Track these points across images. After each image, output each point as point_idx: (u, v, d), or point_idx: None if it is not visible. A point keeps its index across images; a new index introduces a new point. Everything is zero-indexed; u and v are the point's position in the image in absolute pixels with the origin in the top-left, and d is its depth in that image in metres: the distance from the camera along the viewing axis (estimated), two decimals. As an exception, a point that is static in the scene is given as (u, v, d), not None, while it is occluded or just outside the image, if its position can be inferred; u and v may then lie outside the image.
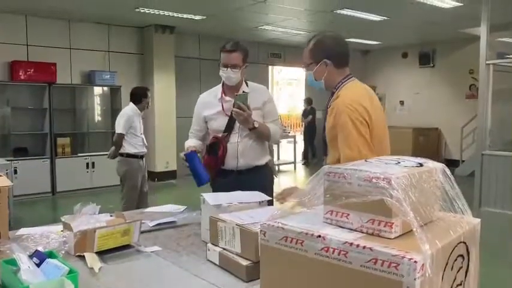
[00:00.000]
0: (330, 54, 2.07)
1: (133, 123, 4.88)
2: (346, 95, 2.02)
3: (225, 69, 2.65)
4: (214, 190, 2.67)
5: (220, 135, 2.70)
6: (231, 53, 2.63)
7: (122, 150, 4.88)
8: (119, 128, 4.86)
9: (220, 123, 2.70)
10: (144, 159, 5.06)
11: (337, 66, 2.09)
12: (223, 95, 2.76)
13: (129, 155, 4.87)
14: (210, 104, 2.80)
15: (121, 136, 4.84)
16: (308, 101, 11.23)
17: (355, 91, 2.05)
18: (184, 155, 2.58)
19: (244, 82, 2.78)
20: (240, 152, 2.69)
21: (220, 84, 2.80)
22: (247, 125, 2.57)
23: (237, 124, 2.64)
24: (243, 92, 2.65)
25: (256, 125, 2.59)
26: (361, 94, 2.04)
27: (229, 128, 2.69)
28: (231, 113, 2.56)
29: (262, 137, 2.71)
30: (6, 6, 6.99)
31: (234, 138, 2.68)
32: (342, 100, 1.99)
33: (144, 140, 5.04)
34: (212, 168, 2.73)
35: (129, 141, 4.89)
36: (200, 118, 2.84)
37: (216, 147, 2.71)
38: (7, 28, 7.40)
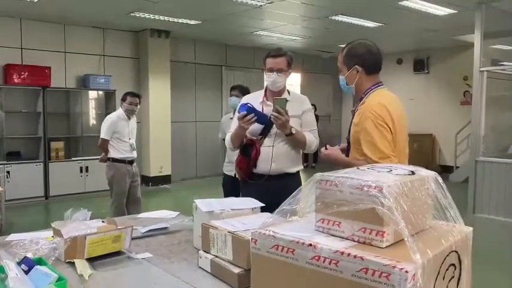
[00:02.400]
0: (361, 61, 2.17)
1: (118, 128, 4.88)
2: (372, 100, 2.12)
3: (271, 73, 2.69)
4: (244, 193, 2.70)
5: (255, 138, 2.73)
6: (276, 58, 2.70)
7: (109, 155, 4.87)
8: (102, 133, 4.91)
9: (258, 126, 2.70)
10: (133, 164, 5.03)
11: (368, 73, 2.18)
12: (264, 99, 2.78)
13: (114, 160, 4.87)
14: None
15: (104, 141, 4.87)
16: (314, 107, 11.30)
17: (381, 98, 2.13)
18: (246, 111, 2.59)
19: (286, 90, 2.81)
20: (274, 156, 2.69)
21: (263, 89, 2.85)
22: (285, 130, 2.59)
23: (274, 129, 2.66)
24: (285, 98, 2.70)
25: (293, 131, 2.61)
26: (387, 101, 2.12)
27: (265, 132, 2.70)
28: (270, 117, 2.60)
29: (298, 144, 2.72)
30: (1, 10, 6.96)
31: (269, 142, 2.70)
32: (368, 105, 2.10)
33: (133, 145, 5.01)
34: (244, 170, 2.76)
35: (114, 146, 4.89)
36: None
37: (250, 148, 2.73)
38: (1, 31, 7.36)
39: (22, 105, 7.55)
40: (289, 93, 2.84)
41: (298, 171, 2.84)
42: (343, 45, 2.26)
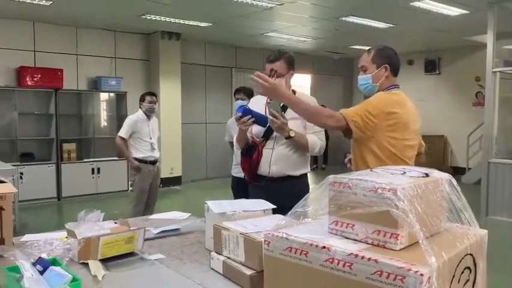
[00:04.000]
0: (390, 61, 2.32)
1: (137, 129, 4.94)
2: (387, 94, 2.27)
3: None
4: (251, 194, 2.74)
5: (258, 140, 2.75)
6: (273, 63, 2.69)
7: (132, 155, 4.97)
8: (121, 130, 4.99)
9: (260, 128, 2.71)
10: (156, 165, 5.08)
11: (393, 74, 2.34)
12: (268, 99, 2.78)
13: (136, 159, 4.92)
14: (257, 108, 2.82)
15: (120, 138, 4.95)
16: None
17: (394, 94, 2.28)
18: (241, 112, 2.60)
19: (291, 91, 2.79)
20: (274, 159, 2.69)
21: None
22: (283, 132, 2.58)
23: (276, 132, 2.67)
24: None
25: (292, 134, 2.59)
26: (397, 98, 2.26)
27: (267, 134, 2.71)
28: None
29: (300, 147, 2.70)
30: (15, 13, 7.06)
31: (270, 144, 2.71)
32: (377, 93, 2.28)
33: (154, 144, 5.05)
34: (246, 171, 2.79)
35: (135, 146, 4.95)
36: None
37: (252, 150, 2.75)
38: (15, 34, 7.47)
39: (35, 107, 7.66)
40: (294, 93, 2.80)
41: (303, 175, 2.80)
42: (362, 47, 2.33)
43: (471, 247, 1.01)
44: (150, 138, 5.01)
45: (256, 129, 2.73)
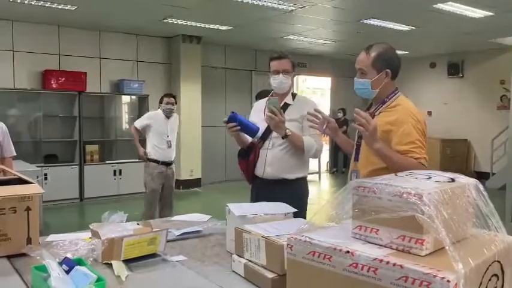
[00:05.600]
0: (392, 65, 2.13)
1: (153, 123, 5.07)
2: (408, 105, 2.10)
3: (277, 75, 2.71)
4: (252, 193, 2.82)
5: (256, 140, 2.77)
6: (281, 59, 2.72)
7: (148, 155, 5.06)
8: (136, 122, 5.27)
9: (260, 129, 2.73)
10: (169, 166, 5.11)
11: (393, 78, 2.15)
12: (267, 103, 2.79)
13: (149, 159, 5.05)
14: (259, 110, 2.84)
15: (133, 127, 5.27)
16: (344, 111, 11.24)
17: (414, 105, 2.12)
18: (228, 118, 2.62)
19: (291, 93, 2.82)
20: (269, 160, 2.70)
21: (270, 94, 2.88)
22: (280, 131, 2.58)
23: (274, 133, 2.67)
24: (285, 102, 2.73)
25: (289, 133, 2.58)
26: (417, 109, 2.12)
27: (265, 135, 2.72)
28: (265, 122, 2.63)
29: (296, 148, 2.67)
30: (41, 17, 7.23)
31: (266, 145, 2.73)
32: (406, 109, 2.06)
33: (170, 142, 5.10)
34: (244, 172, 2.83)
35: (152, 142, 5.06)
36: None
37: (249, 151, 2.77)
38: (40, 38, 7.65)
39: (59, 110, 7.82)
40: (293, 96, 2.81)
41: (300, 178, 2.76)
42: (372, 48, 2.15)
43: (499, 254, 0.99)
44: (168, 136, 5.09)
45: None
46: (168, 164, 5.08)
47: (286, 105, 2.77)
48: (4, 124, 3.43)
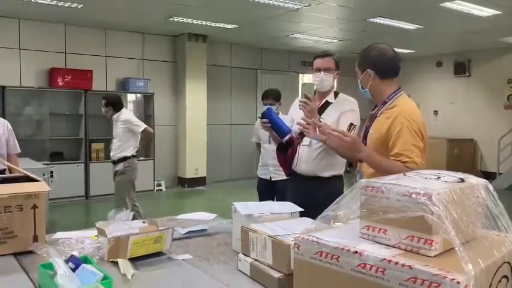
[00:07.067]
0: (373, 65, 2.13)
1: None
2: (405, 105, 2.08)
3: (318, 73, 2.71)
4: (285, 189, 2.85)
5: (295, 136, 2.78)
6: (324, 58, 2.75)
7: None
8: (142, 124, 5.41)
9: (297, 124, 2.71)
10: (115, 164, 5.38)
11: (381, 77, 2.14)
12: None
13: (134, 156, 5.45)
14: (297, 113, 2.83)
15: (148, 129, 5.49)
16: None
17: (412, 105, 2.12)
18: (262, 113, 2.65)
19: (333, 92, 2.79)
20: (304, 157, 2.71)
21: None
22: (313, 116, 2.50)
23: None
24: (327, 100, 2.72)
25: (323, 122, 2.52)
26: (417, 109, 2.12)
27: (303, 132, 2.69)
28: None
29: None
30: (47, 15, 7.26)
31: (305, 141, 2.73)
32: (401, 110, 2.05)
33: (112, 144, 5.41)
34: (282, 165, 2.86)
35: (135, 141, 5.44)
36: (290, 119, 2.91)
37: (289, 145, 2.78)
38: (47, 36, 7.67)
39: (65, 108, 7.85)
40: (336, 95, 2.80)
41: (334, 176, 2.75)
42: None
43: (509, 255, 0.98)
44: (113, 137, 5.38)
45: (296, 127, 2.72)
46: (114, 162, 5.38)
47: (327, 104, 2.76)
48: (8, 122, 3.45)
